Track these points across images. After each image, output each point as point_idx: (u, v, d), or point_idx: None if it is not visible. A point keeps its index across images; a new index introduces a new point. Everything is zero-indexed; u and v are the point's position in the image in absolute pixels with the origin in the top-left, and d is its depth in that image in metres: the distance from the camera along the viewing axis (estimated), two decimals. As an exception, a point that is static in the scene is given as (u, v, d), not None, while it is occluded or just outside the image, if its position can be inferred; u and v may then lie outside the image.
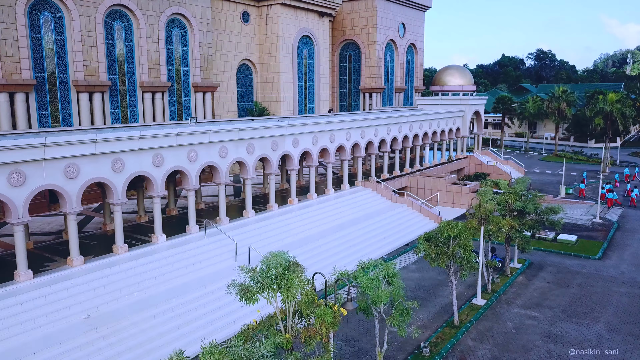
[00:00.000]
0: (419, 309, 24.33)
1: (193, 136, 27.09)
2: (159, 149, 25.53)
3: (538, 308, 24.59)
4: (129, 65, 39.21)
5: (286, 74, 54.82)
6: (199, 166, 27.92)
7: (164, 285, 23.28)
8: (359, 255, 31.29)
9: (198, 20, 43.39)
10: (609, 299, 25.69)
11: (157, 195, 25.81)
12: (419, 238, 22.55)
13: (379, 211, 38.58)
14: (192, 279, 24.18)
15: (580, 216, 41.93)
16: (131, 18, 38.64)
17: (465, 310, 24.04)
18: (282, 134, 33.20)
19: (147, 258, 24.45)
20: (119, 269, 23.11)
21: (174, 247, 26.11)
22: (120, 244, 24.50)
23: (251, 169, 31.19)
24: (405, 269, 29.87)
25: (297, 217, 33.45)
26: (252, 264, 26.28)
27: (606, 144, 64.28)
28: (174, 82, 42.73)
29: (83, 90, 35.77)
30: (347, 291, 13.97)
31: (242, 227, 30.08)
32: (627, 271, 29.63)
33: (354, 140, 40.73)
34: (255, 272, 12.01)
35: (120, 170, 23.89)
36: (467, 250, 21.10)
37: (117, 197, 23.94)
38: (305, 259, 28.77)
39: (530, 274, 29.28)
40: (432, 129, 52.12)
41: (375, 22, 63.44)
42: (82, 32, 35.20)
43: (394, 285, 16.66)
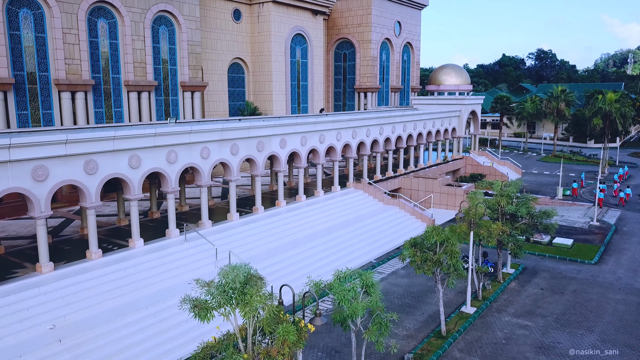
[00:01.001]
0: (406, 317, 23.33)
1: (172, 136, 26.07)
2: (135, 150, 24.51)
3: (530, 316, 23.53)
4: (114, 64, 38.18)
5: (278, 73, 53.79)
6: (179, 168, 26.89)
7: (138, 292, 22.25)
8: (346, 260, 30.31)
9: (186, 17, 42.35)
10: (604, 306, 24.63)
11: (133, 198, 24.78)
12: (404, 244, 21.51)
13: (369, 213, 37.55)
14: (169, 286, 23.13)
15: (577, 218, 40.87)
16: (115, 15, 37.61)
17: (454, 319, 22.99)
18: (269, 134, 32.17)
19: (122, 264, 23.43)
20: (91, 275, 22.10)
21: (151, 252, 25.09)
22: (94, 249, 23.47)
23: (235, 170, 30.16)
24: (394, 274, 28.83)
25: (285, 220, 32.42)
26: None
27: (605, 144, 63.20)
28: (161, 81, 41.69)
29: (65, 90, 34.75)
30: (316, 305, 12.94)
31: (226, 230, 29.05)
32: (624, 277, 28.56)
33: (345, 140, 39.70)
34: (211, 286, 10.98)
35: (94, 172, 22.87)
36: (454, 257, 20.06)
37: (91, 201, 22.92)
38: (290, 264, 27.87)
39: (524, 279, 28.23)
40: (426, 129, 51.07)
41: (370, 20, 62.35)
42: (63, 29, 34.18)
43: (372, 296, 15.65)
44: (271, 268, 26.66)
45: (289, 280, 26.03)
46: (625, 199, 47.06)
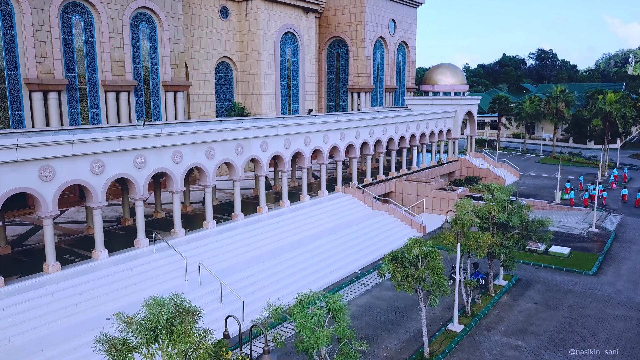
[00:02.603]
0: (387, 335, 21.62)
1: (140, 140, 24.35)
2: (98, 154, 22.79)
3: (522, 335, 21.78)
4: (90, 63, 36.45)
5: (268, 73, 52.06)
6: (148, 173, 25.16)
7: (97, 309, 20.58)
8: (329, 270, 28.65)
9: (168, 14, 40.62)
10: (602, 323, 22.87)
11: (96, 206, 23.07)
12: (384, 258, 19.80)
13: (357, 219, 35.80)
14: (132, 302, 21.41)
15: (575, 224, 39.09)
16: (91, 12, 35.89)
17: (439, 338, 21.25)
18: (248, 136, 30.44)
19: (82, 278, 21.73)
20: (46, 291, 20.41)
21: (116, 264, 23.39)
22: (52, 261, 21.76)
23: (211, 175, 28.43)
24: (379, 287, 27.10)
25: (265, 228, 30.69)
26: (204, 284, 23.60)
27: (605, 145, 61.39)
28: (141, 81, 39.95)
29: (36, 89, 33.03)
30: (264, 341, 11.21)
31: (200, 239, 27.32)
32: (624, 289, 26.80)
33: (333, 143, 37.97)
34: (132, 322, 9.28)
35: (50, 178, 21.15)
36: (437, 273, 18.32)
37: (46, 210, 21.21)
38: (267, 276, 26.17)
39: (517, 292, 26.47)
40: (420, 131, 49.32)
41: (363, 18, 60.61)
42: (34, 26, 32.46)
43: (339, 323, 13.93)
44: (245, 281, 24.96)
45: (264, 295, 24.40)
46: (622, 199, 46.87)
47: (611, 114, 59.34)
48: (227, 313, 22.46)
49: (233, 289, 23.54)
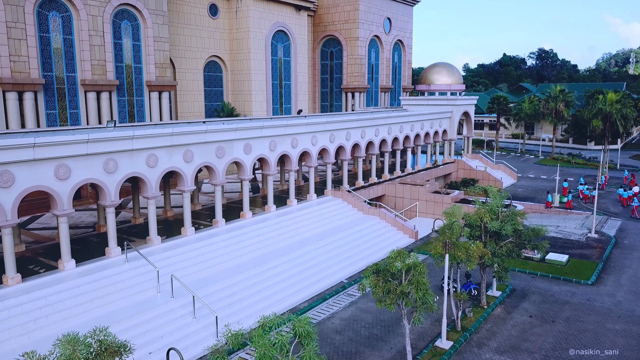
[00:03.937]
0: (371, 352, 20.19)
1: (110, 143, 22.93)
2: (62, 158, 21.37)
3: (515, 352, 20.34)
4: (69, 62, 35.03)
5: (258, 72, 50.61)
6: (120, 178, 23.73)
7: (57, 325, 19.12)
8: (314, 280, 27.21)
9: (152, 12, 39.18)
10: (601, 339, 21.41)
11: (61, 213, 21.66)
12: (365, 271, 18.36)
13: (346, 225, 34.35)
14: (97, 317, 19.97)
15: (573, 229, 37.59)
16: (70, 8, 34.45)
17: (426, 356, 19.81)
18: (230, 138, 29.02)
19: (44, 291, 20.31)
20: (2, 306, 18.98)
21: (84, 275, 21.95)
22: (12, 273, 20.34)
23: (189, 179, 27.00)
24: (365, 297, 25.60)
25: (248, 235, 29.25)
26: (177, 296, 22.18)
27: (605, 146, 59.86)
28: (124, 81, 38.52)
29: (10, 89, 31.60)
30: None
31: (177, 247, 25.89)
32: (624, 301, 25.33)
33: (322, 144, 36.54)
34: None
35: (9, 185, 19.74)
36: (422, 289, 16.87)
37: (5, 218, 19.78)
38: (247, 286, 24.74)
39: (511, 304, 25.01)
40: (414, 131, 47.87)
41: (357, 16, 59.15)
42: (7, 23, 31.04)
43: (306, 349, 12.51)
44: (223, 292, 23.52)
45: (242, 308, 23.04)
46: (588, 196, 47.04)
47: (612, 114, 57.83)
48: (200, 329, 21.10)
49: (209, 300, 22.14)
